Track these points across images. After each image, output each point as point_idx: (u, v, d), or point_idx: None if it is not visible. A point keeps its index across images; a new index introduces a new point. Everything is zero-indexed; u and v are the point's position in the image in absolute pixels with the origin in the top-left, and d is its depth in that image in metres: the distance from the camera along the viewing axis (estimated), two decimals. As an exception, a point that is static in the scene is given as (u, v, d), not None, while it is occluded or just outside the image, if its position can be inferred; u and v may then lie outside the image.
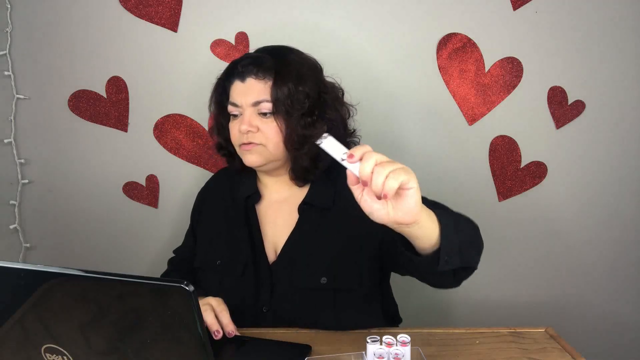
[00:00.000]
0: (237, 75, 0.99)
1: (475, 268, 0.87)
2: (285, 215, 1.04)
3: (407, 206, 0.67)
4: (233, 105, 0.99)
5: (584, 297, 1.53)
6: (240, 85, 0.98)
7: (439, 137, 1.44)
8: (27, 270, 0.61)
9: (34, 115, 1.42)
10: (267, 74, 0.96)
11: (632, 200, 1.48)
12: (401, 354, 0.78)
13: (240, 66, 0.98)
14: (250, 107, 0.97)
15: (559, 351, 0.87)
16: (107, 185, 1.46)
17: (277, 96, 0.95)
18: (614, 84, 1.41)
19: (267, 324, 0.97)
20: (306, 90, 0.97)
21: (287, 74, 0.96)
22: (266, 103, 0.96)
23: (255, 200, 1.06)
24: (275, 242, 1.03)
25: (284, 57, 0.99)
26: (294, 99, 0.95)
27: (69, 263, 1.47)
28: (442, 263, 0.76)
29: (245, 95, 0.97)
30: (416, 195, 0.67)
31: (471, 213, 1.46)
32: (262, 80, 0.96)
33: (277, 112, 0.96)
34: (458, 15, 1.38)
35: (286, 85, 0.95)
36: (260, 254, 1.01)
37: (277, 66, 0.97)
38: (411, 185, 0.65)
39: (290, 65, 0.98)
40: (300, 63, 1.00)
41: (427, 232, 0.74)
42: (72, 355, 0.62)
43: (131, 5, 1.37)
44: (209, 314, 0.86)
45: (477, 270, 1.53)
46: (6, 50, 1.38)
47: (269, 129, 0.97)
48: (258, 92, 0.96)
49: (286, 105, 0.95)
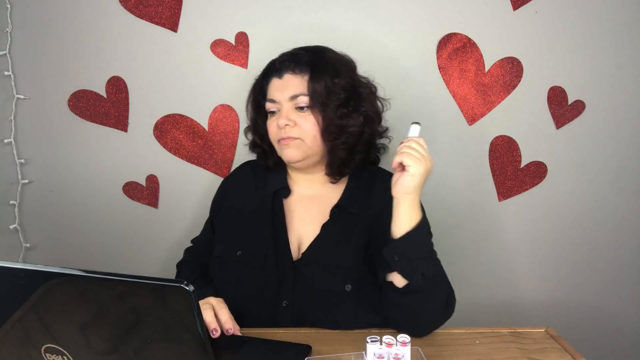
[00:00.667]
0: (274, 72, 1.02)
1: (425, 326, 0.93)
2: (313, 212, 1.05)
3: (402, 182, 0.88)
4: (271, 102, 1.02)
5: (584, 297, 1.53)
6: (277, 81, 1.02)
7: (439, 137, 1.44)
8: (27, 270, 0.61)
9: (34, 115, 1.42)
10: (304, 68, 1.00)
11: (632, 200, 1.48)
12: (401, 354, 0.78)
13: (278, 63, 1.02)
14: (287, 102, 1.00)
15: (559, 351, 0.87)
16: (107, 185, 1.46)
17: (314, 89, 0.98)
18: (614, 84, 1.41)
19: (285, 318, 0.97)
20: (342, 83, 1.01)
21: (324, 68, 1.00)
22: (303, 97, 0.99)
23: (284, 194, 1.07)
24: (300, 237, 1.04)
25: (320, 53, 1.04)
26: (330, 91, 0.99)
27: (69, 263, 1.47)
28: (391, 251, 0.89)
29: (282, 91, 1.00)
30: (411, 180, 0.87)
31: (471, 213, 1.47)
32: (298, 75, 1.00)
33: (314, 105, 0.98)
34: (458, 15, 1.38)
35: (323, 78, 0.99)
36: (284, 247, 1.01)
37: (314, 61, 1.01)
38: (411, 170, 0.87)
39: (326, 60, 1.02)
40: (336, 58, 1.04)
41: (402, 218, 0.89)
42: (72, 355, 0.62)
43: (131, 5, 1.37)
44: (208, 312, 0.86)
45: (477, 270, 1.53)
46: (6, 50, 1.38)
47: (306, 122, 0.99)
48: (295, 87, 0.99)
49: (323, 97, 0.98)
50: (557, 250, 1.50)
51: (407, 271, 0.88)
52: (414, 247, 0.89)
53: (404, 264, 0.88)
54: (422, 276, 0.88)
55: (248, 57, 1.39)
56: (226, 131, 1.43)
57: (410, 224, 0.89)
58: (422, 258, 0.89)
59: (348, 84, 1.02)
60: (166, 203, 1.47)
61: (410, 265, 0.88)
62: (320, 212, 1.04)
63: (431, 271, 0.89)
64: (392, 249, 0.89)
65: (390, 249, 0.89)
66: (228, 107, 1.42)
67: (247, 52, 1.39)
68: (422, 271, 0.88)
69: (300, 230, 1.04)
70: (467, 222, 1.48)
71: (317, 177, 1.08)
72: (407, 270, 0.88)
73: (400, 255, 0.88)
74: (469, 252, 1.49)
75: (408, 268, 0.88)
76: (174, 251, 1.48)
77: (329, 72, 1.00)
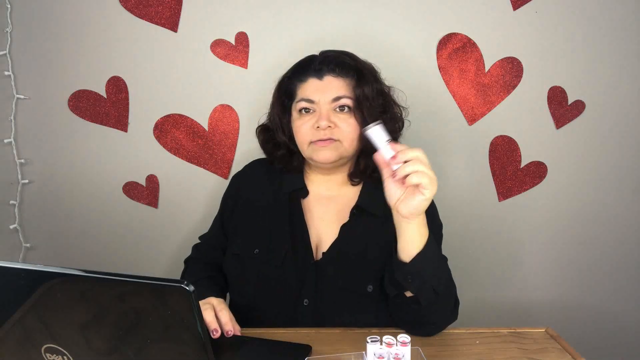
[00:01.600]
0: (313, 72, 1.02)
1: (433, 329, 0.94)
2: (332, 212, 1.05)
3: (412, 204, 0.82)
4: (307, 102, 1.01)
5: (584, 297, 1.53)
6: (316, 82, 1.01)
7: (439, 137, 1.44)
8: (27, 270, 0.61)
9: (34, 115, 1.42)
10: (347, 72, 1.01)
11: (632, 200, 1.48)
12: (401, 354, 0.78)
13: (319, 63, 1.02)
14: (328, 104, 0.99)
15: (559, 351, 0.88)
16: (107, 185, 1.46)
17: (362, 93, 0.99)
18: (614, 84, 1.42)
19: (306, 317, 0.97)
20: (381, 89, 1.04)
21: (368, 73, 1.02)
22: (346, 99, 0.99)
23: (302, 194, 1.07)
24: (319, 237, 1.04)
25: (356, 57, 1.06)
26: (374, 96, 1.00)
27: (69, 263, 1.47)
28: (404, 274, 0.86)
29: (324, 92, 1.00)
30: (424, 202, 0.81)
31: (471, 213, 1.47)
32: (340, 77, 1.00)
33: (358, 108, 0.99)
34: (458, 15, 1.38)
35: (368, 84, 1.00)
36: (304, 247, 1.01)
37: (357, 66, 1.02)
38: (425, 193, 0.80)
39: (366, 66, 1.05)
40: (367, 64, 1.06)
41: (413, 238, 0.85)
42: (72, 355, 0.62)
43: (131, 5, 1.37)
44: (208, 312, 0.86)
45: (477, 270, 1.53)
46: (6, 50, 1.38)
47: (347, 125, 0.99)
48: (338, 89, 1.00)
49: (368, 102, 0.99)
50: (557, 250, 1.50)
51: (420, 291, 0.87)
52: (427, 265, 0.86)
53: (418, 284, 0.86)
54: (433, 291, 0.87)
55: (248, 57, 1.39)
56: (226, 131, 1.43)
57: (422, 243, 0.85)
58: (434, 276, 0.87)
59: (383, 90, 1.05)
60: (166, 203, 1.47)
61: (424, 285, 0.86)
62: (339, 213, 1.04)
63: (442, 284, 0.89)
64: (404, 272, 0.86)
65: (403, 271, 0.86)
66: (228, 107, 1.42)
67: (247, 52, 1.39)
68: (433, 287, 0.87)
69: (319, 230, 1.04)
70: (467, 222, 1.48)
71: (338, 177, 1.08)
72: (420, 291, 0.87)
73: (414, 275, 0.86)
74: (469, 252, 1.49)
75: (422, 288, 0.86)
76: (174, 251, 1.48)
77: (372, 78, 1.02)
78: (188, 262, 1.18)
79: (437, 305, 0.90)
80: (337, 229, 1.02)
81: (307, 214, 1.06)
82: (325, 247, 1.01)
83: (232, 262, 1.06)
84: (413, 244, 0.85)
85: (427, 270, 0.86)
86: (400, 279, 0.87)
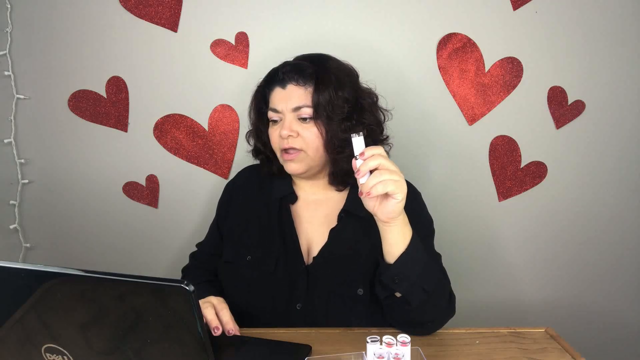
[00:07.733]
0: (277, 81, 1.01)
1: (430, 326, 0.93)
2: (321, 217, 1.05)
3: (387, 209, 0.84)
4: (273, 111, 1.02)
5: (584, 297, 1.53)
6: (280, 91, 1.01)
7: (439, 137, 1.44)
8: (27, 270, 0.61)
9: (34, 115, 1.42)
10: (308, 80, 0.99)
11: (632, 200, 1.48)
12: (401, 354, 0.78)
13: (281, 73, 1.01)
14: (290, 113, 0.99)
15: (559, 351, 0.88)
16: (107, 185, 1.46)
17: (318, 101, 0.97)
18: (614, 84, 1.41)
19: (299, 321, 0.97)
20: (345, 96, 1.00)
21: (327, 80, 0.99)
22: (306, 108, 0.98)
23: (290, 200, 1.08)
24: (309, 242, 1.04)
25: (323, 63, 1.02)
26: (334, 104, 0.98)
27: (69, 263, 1.47)
28: (390, 275, 0.87)
29: (286, 101, 0.99)
30: (398, 205, 0.83)
31: (471, 213, 1.47)
32: (302, 86, 0.99)
33: (317, 117, 0.98)
34: (458, 15, 1.38)
35: (326, 90, 0.98)
36: (294, 252, 1.02)
37: (318, 72, 1.00)
38: (397, 197, 0.82)
39: (329, 72, 1.01)
40: (339, 69, 1.03)
41: (396, 240, 0.87)
42: (72, 355, 0.62)
43: (131, 5, 1.37)
44: (209, 310, 0.86)
45: (477, 270, 1.53)
46: (6, 50, 1.38)
47: (309, 134, 0.99)
48: (299, 98, 0.99)
49: (327, 110, 0.98)
50: (557, 250, 1.50)
51: (409, 291, 0.87)
52: (413, 265, 0.87)
53: (405, 284, 0.87)
54: (423, 291, 0.87)
55: (248, 57, 1.40)
56: (226, 131, 1.43)
57: (405, 243, 0.87)
58: (421, 275, 0.88)
59: (351, 95, 1.01)
60: (166, 203, 1.47)
61: (412, 286, 0.87)
62: (327, 217, 1.05)
63: (432, 282, 0.89)
64: (390, 273, 0.87)
65: (389, 273, 0.88)
66: (228, 107, 1.42)
67: (247, 52, 1.39)
68: (423, 287, 0.87)
69: (308, 235, 1.05)
70: (467, 222, 1.48)
71: (321, 182, 1.08)
72: (409, 291, 0.87)
73: (400, 276, 0.87)
74: (469, 252, 1.49)
75: (410, 288, 0.87)
76: (174, 251, 1.48)
77: (333, 84, 0.99)
78: (186, 271, 1.18)
79: (429, 304, 0.90)
80: (327, 233, 1.02)
81: (296, 219, 1.06)
82: (316, 251, 1.02)
83: (224, 269, 1.07)
84: (397, 246, 0.87)
85: (413, 270, 0.87)
86: (387, 281, 0.88)
